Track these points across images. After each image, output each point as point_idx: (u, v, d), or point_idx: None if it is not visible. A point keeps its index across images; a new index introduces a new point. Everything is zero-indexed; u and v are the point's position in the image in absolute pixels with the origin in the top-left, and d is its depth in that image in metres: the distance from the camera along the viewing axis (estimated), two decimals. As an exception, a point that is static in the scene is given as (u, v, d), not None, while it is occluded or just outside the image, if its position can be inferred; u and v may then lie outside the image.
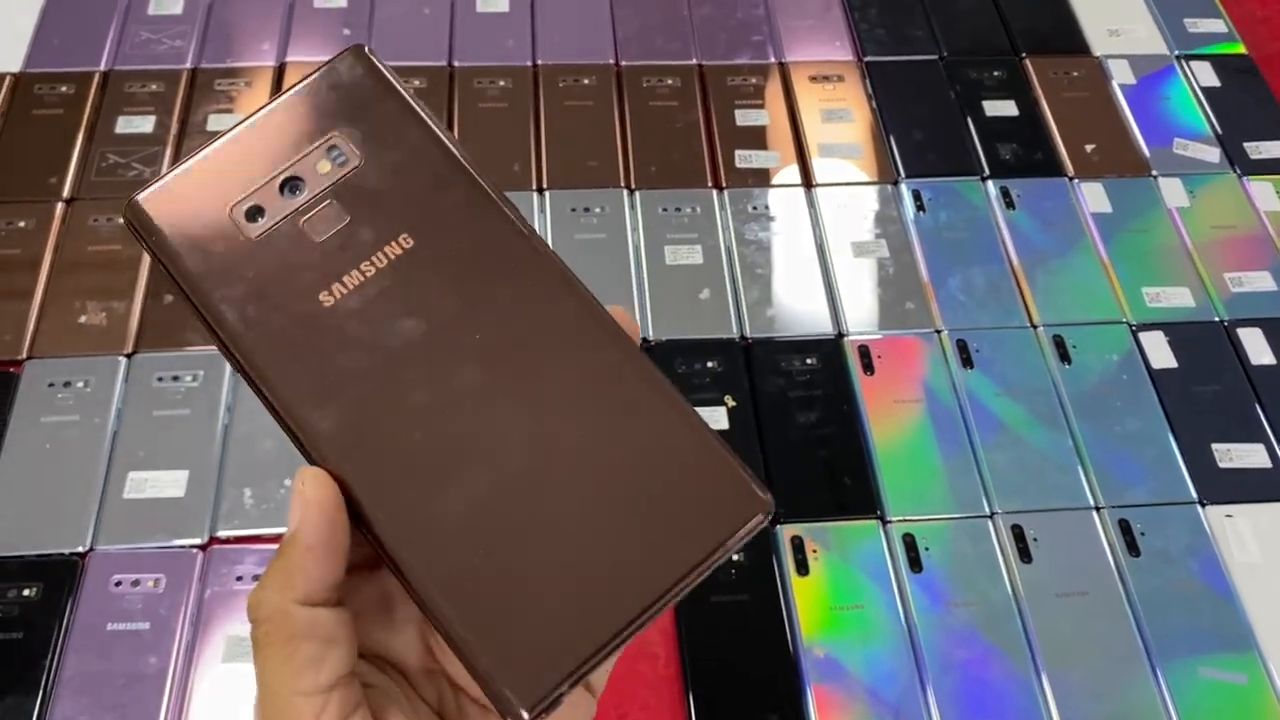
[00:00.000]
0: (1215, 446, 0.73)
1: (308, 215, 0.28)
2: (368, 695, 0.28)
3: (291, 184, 0.28)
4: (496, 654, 0.24)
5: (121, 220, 0.27)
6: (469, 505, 0.26)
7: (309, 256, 0.27)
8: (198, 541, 0.67)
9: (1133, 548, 0.69)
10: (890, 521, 0.70)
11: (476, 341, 0.27)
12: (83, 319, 0.75)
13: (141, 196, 0.28)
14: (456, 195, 0.29)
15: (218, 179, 0.28)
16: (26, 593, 0.64)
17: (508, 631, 0.25)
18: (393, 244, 0.28)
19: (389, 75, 0.30)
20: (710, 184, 0.85)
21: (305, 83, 0.29)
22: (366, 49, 0.30)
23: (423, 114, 0.29)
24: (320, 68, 0.29)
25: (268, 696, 0.26)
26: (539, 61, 0.92)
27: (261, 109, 0.29)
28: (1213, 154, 0.90)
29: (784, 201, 0.85)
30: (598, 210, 0.82)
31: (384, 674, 0.29)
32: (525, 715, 0.24)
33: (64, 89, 0.87)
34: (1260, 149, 0.90)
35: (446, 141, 0.29)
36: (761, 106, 0.90)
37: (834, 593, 0.67)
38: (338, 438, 0.26)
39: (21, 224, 0.79)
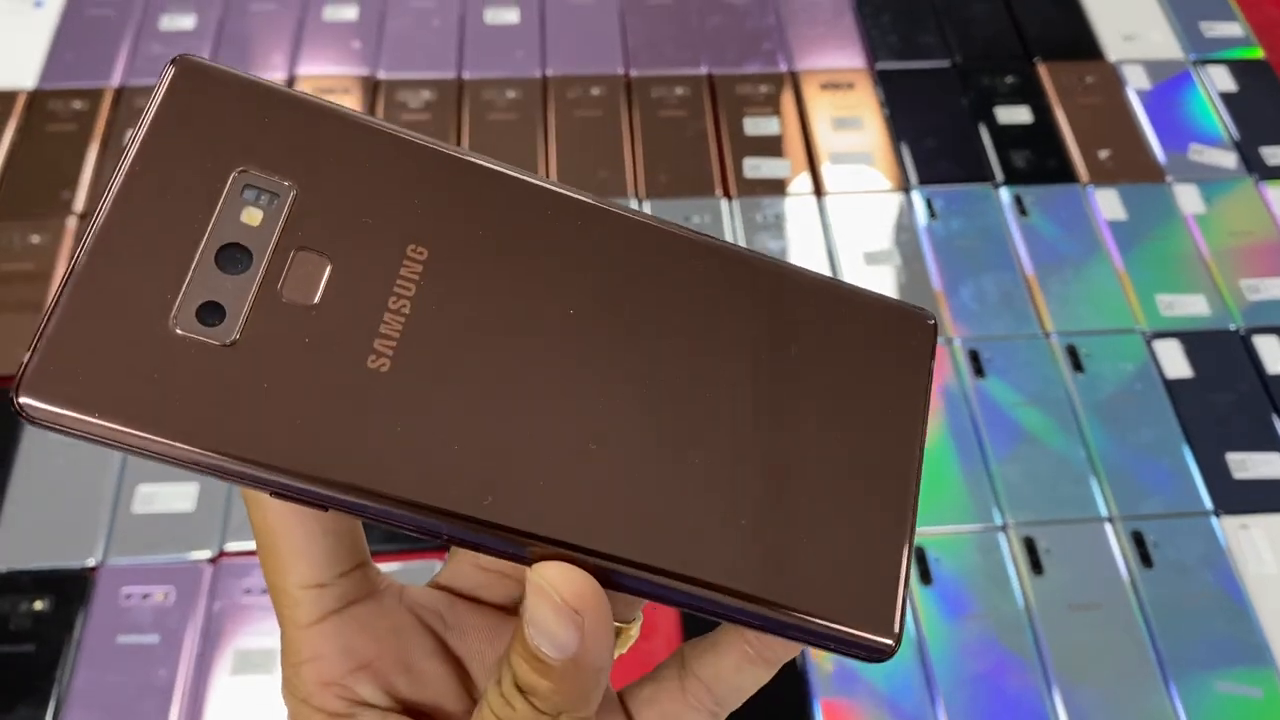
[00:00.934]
0: (1230, 456, 0.72)
1: (279, 283, 0.20)
2: None
3: (229, 256, 0.20)
4: (834, 609, 0.22)
5: (20, 403, 0.19)
6: (711, 497, 0.22)
7: (317, 328, 0.20)
8: (207, 555, 0.67)
9: (1146, 559, 0.68)
10: (900, 533, 0.69)
11: (583, 320, 0.22)
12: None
13: (26, 384, 0.19)
14: (425, 171, 0.22)
15: (122, 302, 0.20)
16: (38, 606, 0.65)
17: (826, 582, 0.22)
18: (407, 264, 0.21)
19: (237, 72, 0.22)
20: (720, 193, 0.85)
21: (147, 125, 0.21)
22: (190, 55, 0.22)
23: (314, 99, 0.22)
24: (151, 100, 0.21)
25: None
26: (548, 72, 0.92)
27: (110, 188, 0.20)
28: (1229, 160, 0.89)
29: (794, 210, 0.85)
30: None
31: None
32: (894, 645, 0.22)
33: (77, 105, 0.87)
34: (1278, 154, 0.89)
35: (366, 118, 0.22)
36: (772, 115, 0.90)
37: (843, 605, 0.66)
38: (559, 508, 0.21)
39: (34, 239, 0.80)
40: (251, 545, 0.68)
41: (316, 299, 0.20)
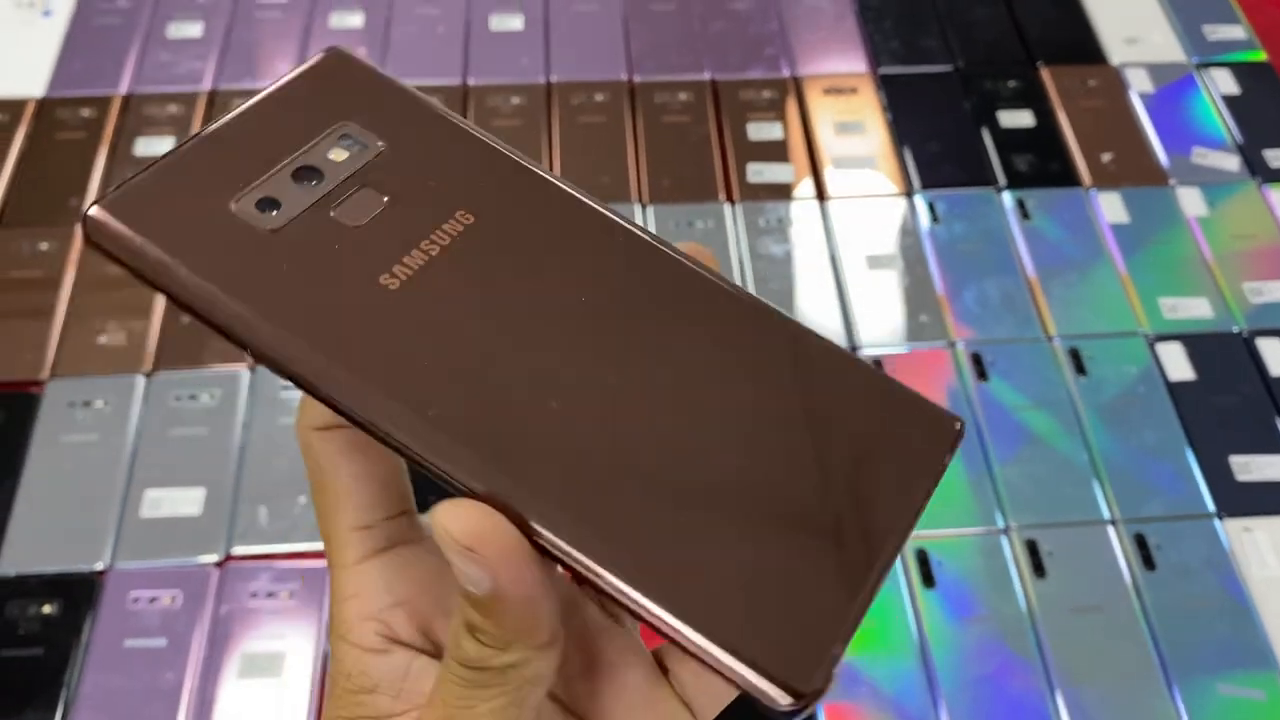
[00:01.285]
0: (1234, 459, 0.72)
1: (336, 203, 0.24)
2: None
3: (305, 173, 0.24)
4: (754, 646, 0.21)
5: (87, 220, 0.23)
6: (662, 492, 0.22)
7: (351, 242, 0.24)
8: (214, 559, 0.68)
9: (1148, 562, 0.68)
10: (903, 536, 0.69)
11: (593, 310, 0.24)
12: (103, 339, 0.76)
13: (103, 203, 0.23)
14: (501, 169, 0.26)
15: (204, 176, 0.24)
16: (46, 610, 0.65)
17: (756, 619, 0.21)
18: (451, 221, 0.24)
19: (377, 68, 0.27)
20: (723, 198, 0.86)
21: (286, 80, 0.26)
22: (340, 47, 0.27)
23: (428, 99, 0.27)
24: (298, 67, 0.26)
25: None
26: (552, 78, 0.92)
27: (238, 107, 0.25)
28: (1232, 163, 0.89)
29: (797, 215, 0.85)
30: (610, 226, 0.83)
31: None
32: (796, 702, 0.21)
33: (85, 112, 0.88)
34: (1281, 157, 0.89)
35: (464, 122, 0.27)
36: (775, 120, 0.90)
37: (846, 608, 0.67)
38: (484, 448, 0.22)
39: (43, 246, 0.80)
40: (257, 549, 0.68)
41: (362, 223, 0.24)
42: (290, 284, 0.23)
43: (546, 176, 0.26)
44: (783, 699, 0.20)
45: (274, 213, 0.24)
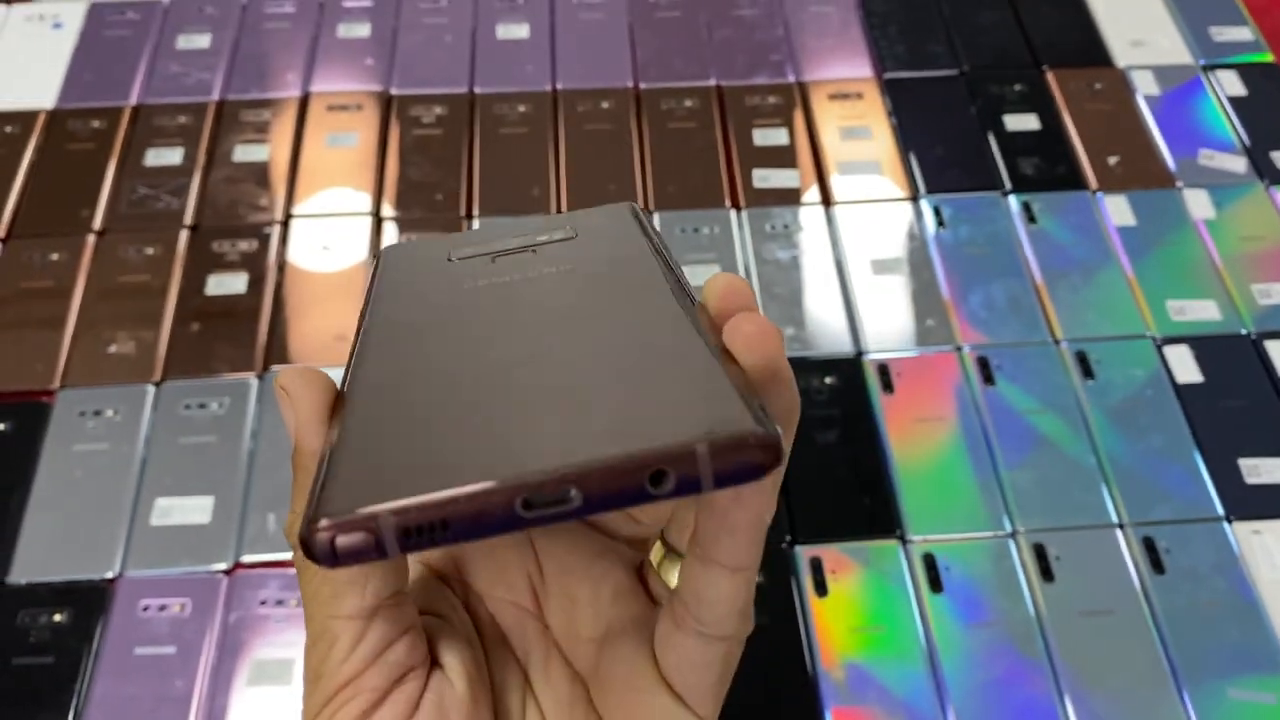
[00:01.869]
0: (1243, 461, 0.72)
1: (502, 255, 0.29)
2: (428, 623, 0.26)
3: (504, 249, 0.30)
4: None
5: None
6: (534, 401, 0.23)
7: (488, 270, 0.29)
8: (223, 567, 0.68)
9: (1157, 565, 0.68)
10: (910, 541, 0.69)
11: (543, 310, 0.27)
12: (113, 348, 0.77)
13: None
14: (643, 285, 0.27)
15: (458, 243, 0.31)
16: (57, 618, 0.66)
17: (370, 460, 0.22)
18: (552, 269, 0.28)
19: (648, 228, 0.30)
20: (729, 204, 0.86)
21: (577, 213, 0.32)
22: (636, 206, 0.31)
23: (661, 260, 0.28)
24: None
25: (308, 620, 0.25)
26: (558, 86, 0.93)
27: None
28: (1240, 165, 0.88)
29: (803, 220, 0.85)
30: (616, 233, 0.83)
31: (450, 601, 0.28)
32: (318, 538, 0.20)
33: (95, 124, 0.89)
34: (1289, 158, 0.89)
35: (670, 274, 0.28)
36: (780, 126, 0.91)
37: (853, 614, 0.67)
38: (373, 370, 0.25)
39: (54, 256, 0.81)
40: (266, 556, 0.69)
41: (500, 261, 0.29)
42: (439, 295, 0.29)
43: (670, 294, 0.27)
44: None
45: (465, 253, 0.30)
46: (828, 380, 0.76)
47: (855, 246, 0.83)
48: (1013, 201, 0.86)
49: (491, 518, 0.20)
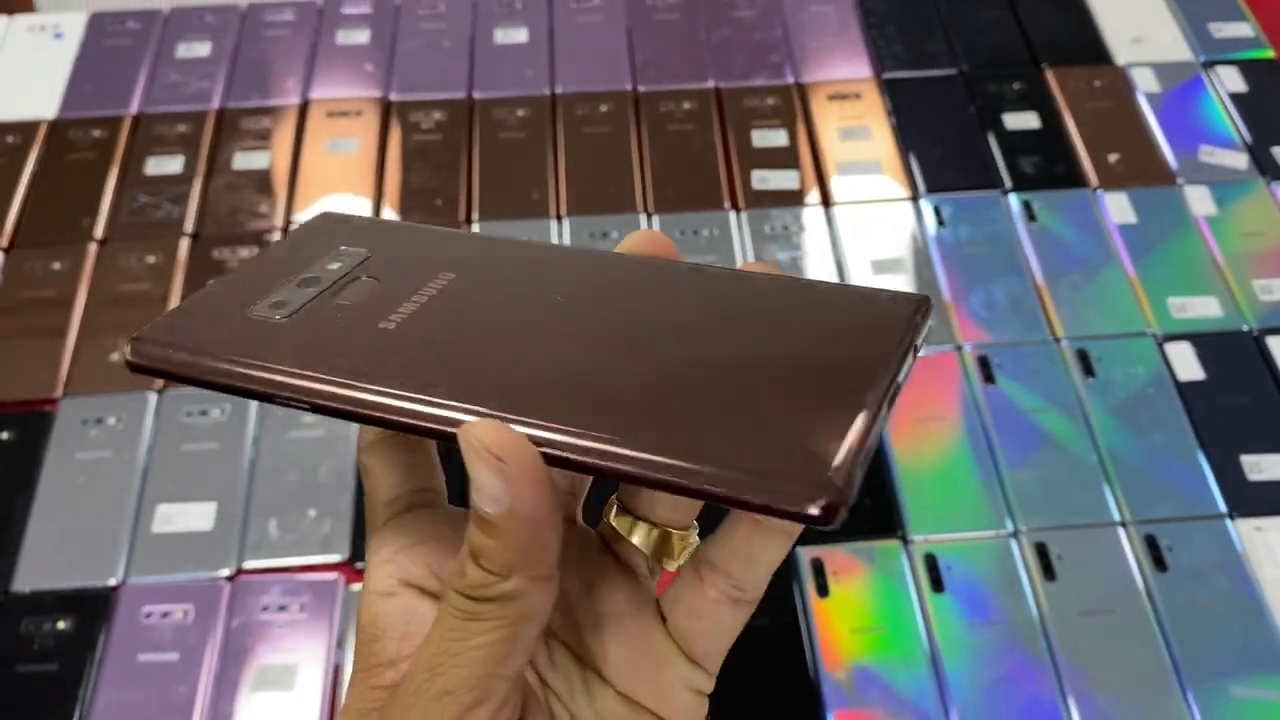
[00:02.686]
0: (1244, 458, 0.72)
1: (336, 293, 0.29)
2: None
3: (307, 281, 0.29)
4: (776, 469, 0.22)
5: (128, 350, 0.28)
6: (654, 390, 0.24)
7: (353, 311, 0.28)
8: (225, 573, 0.68)
9: (1160, 563, 0.68)
10: (912, 541, 0.69)
11: (560, 299, 0.28)
12: (114, 357, 0.77)
13: (140, 333, 0.28)
14: (472, 243, 0.30)
15: (220, 303, 0.29)
16: (61, 625, 0.66)
17: (770, 448, 0.23)
18: (435, 280, 0.28)
19: (363, 215, 0.32)
20: (728, 205, 0.86)
21: (284, 238, 0.34)
22: (329, 211, 0.33)
23: (407, 223, 0.32)
24: (292, 231, 0.34)
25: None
26: (557, 90, 0.93)
27: (242, 263, 0.32)
28: (1241, 161, 0.88)
29: (802, 221, 0.85)
30: (615, 235, 0.83)
31: None
32: (837, 496, 0.22)
33: (96, 133, 0.89)
34: (1291, 154, 0.89)
35: (443, 228, 0.31)
36: (779, 127, 0.91)
37: (855, 614, 0.67)
38: (487, 387, 0.25)
39: (56, 265, 0.81)
40: (268, 562, 0.69)
41: (360, 300, 0.28)
42: (309, 344, 0.27)
43: (511, 241, 0.31)
44: (814, 508, 0.22)
45: (284, 308, 0.28)
46: (828, 381, 0.76)
47: (855, 247, 0.83)
48: (1013, 200, 0.86)
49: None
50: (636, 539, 0.28)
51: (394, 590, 0.27)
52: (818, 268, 0.82)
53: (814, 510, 0.21)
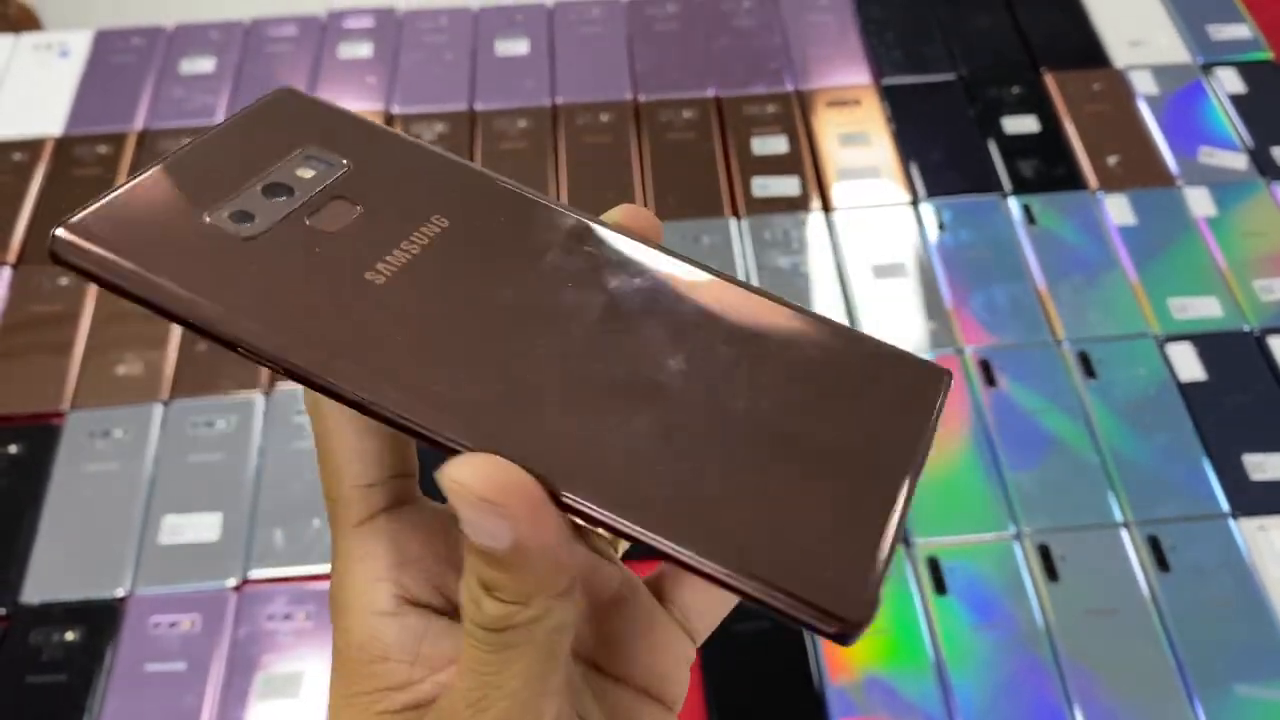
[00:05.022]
0: (1247, 458, 0.72)
1: (310, 213, 0.25)
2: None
3: (275, 189, 0.25)
4: (802, 580, 0.21)
5: (54, 238, 0.23)
6: (674, 449, 0.23)
7: (331, 245, 0.24)
8: (232, 583, 0.69)
9: (1163, 564, 0.68)
10: (915, 544, 0.69)
11: (574, 291, 0.25)
12: (121, 370, 0.78)
13: (69, 222, 0.23)
14: (463, 177, 0.27)
15: (171, 196, 0.24)
16: (69, 636, 0.67)
17: (796, 554, 0.21)
18: (426, 224, 0.25)
19: (326, 100, 0.28)
20: (729, 213, 0.86)
21: (240, 114, 0.27)
22: (290, 86, 0.28)
23: (380, 125, 0.28)
24: (251, 105, 0.27)
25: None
26: (558, 101, 0.93)
27: (195, 139, 0.26)
28: (1240, 162, 0.88)
29: (803, 227, 0.85)
30: (617, 244, 0.84)
31: None
32: (862, 622, 0.21)
33: (101, 149, 0.90)
34: (1290, 154, 0.89)
35: (419, 140, 0.28)
36: (779, 134, 0.91)
37: (859, 618, 0.67)
38: (493, 410, 0.22)
39: (63, 281, 0.82)
40: (274, 573, 0.69)
41: (339, 229, 0.25)
42: (277, 281, 0.23)
43: (505, 182, 0.27)
44: (832, 628, 0.21)
45: (249, 223, 0.24)
46: (829, 386, 0.76)
47: (856, 252, 0.84)
48: (1013, 203, 0.86)
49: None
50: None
51: (395, 610, 0.25)
52: (820, 274, 0.82)
53: (836, 630, 0.21)
